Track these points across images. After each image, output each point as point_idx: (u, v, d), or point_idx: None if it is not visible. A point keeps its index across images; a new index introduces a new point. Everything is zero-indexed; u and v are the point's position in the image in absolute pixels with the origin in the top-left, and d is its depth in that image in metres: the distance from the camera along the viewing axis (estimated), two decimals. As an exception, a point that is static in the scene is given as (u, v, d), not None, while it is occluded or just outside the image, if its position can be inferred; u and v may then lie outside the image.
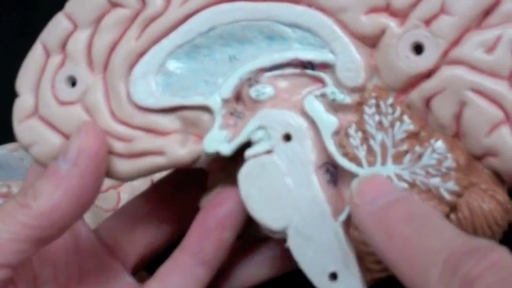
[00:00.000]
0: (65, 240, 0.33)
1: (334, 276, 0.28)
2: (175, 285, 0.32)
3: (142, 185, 0.44)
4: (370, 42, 0.28)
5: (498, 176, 0.27)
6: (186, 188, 0.35)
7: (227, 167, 0.31)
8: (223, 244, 0.32)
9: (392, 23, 0.28)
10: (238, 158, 0.30)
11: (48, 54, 0.31)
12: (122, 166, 0.30)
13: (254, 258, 0.34)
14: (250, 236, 0.33)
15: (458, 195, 0.27)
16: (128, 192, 0.46)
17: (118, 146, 0.30)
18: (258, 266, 0.34)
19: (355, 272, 0.28)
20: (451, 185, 0.26)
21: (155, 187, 0.37)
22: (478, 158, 0.27)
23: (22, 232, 0.28)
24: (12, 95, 0.32)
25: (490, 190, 0.27)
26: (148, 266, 0.36)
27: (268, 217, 0.29)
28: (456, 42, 0.27)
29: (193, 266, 0.32)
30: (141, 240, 0.35)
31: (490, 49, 0.26)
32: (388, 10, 0.28)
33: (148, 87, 0.30)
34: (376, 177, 0.27)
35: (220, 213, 0.31)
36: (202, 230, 0.32)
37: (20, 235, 0.28)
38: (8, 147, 0.50)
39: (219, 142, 0.29)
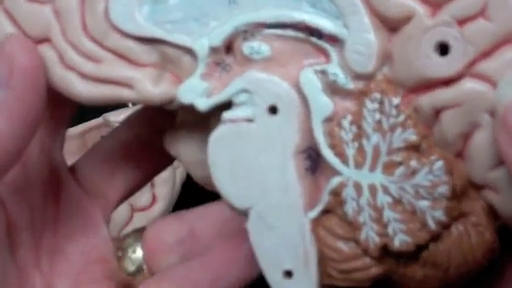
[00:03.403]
0: (43, 181, 0.35)
1: (288, 274, 0.29)
2: None
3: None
4: (391, 24, 0.27)
5: (492, 209, 0.28)
6: (161, 125, 0.35)
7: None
8: (246, 279, 0.33)
9: (421, 10, 0.27)
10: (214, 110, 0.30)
11: None
12: (85, 87, 0.30)
13: None
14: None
15: (444, 226, 0.27)
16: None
17: (84, 65, 0.30)
18: None
19: (313, 274, 0.29)
20: (439, 214, 0.27)
21: (129, 125, 0.37)
22: (477, 187, 0.28)
23: None
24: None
25: (480, 225, 0.28)
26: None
27: (232, 192, 0.29)
28: (487, 54, 0.26)
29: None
30: (121, 182, 0.37)
31: (524, 71, 0.26)
32: (421, -7, 0.27)
33: (130, 9, 0.30)
34: None
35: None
36: (229, 256, 0.33)
37: None
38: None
39: (197, 93, 0.29)
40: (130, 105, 0.52)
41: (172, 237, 0.35)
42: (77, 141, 0.62)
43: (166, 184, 0.59)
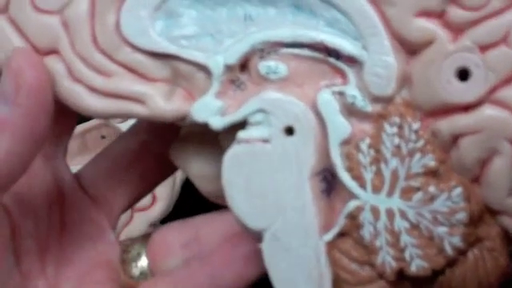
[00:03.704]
0: (48, 190, 0.35)
1: (303, 295, 0.29)
2: None
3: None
4: (411, 48, 0.27)
5: (507, 234, 0.28)
6: (166, 134, 0.35)
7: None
8: (245, 279, 0.33)
9: (443, 35, 0.27)
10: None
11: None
12: (94, 101, 0.30)
13: None
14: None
15: (461, 252, 0.27)
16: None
17: (94, 79, 0.30)
18: None
19: (327, 297, 0.29)
20: (457, 240, 0.27)
21: (134, 133, 0.37)
22: (493, 212, 0.28)
23: None
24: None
25: (495, 250, 0.28)
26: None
27: (247, 212, 0.29)
28: (508, 81, 0.26)
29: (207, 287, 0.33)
30: (126, 191, 0.37)
31: (546, 100, 0.26)
32: (442, 18, 0.27)
33: (142, 24, 0.29)
34: None
35: (252, 245, 0.31)
36: (229, 255, 0.33)
37: None
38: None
39: (211, 112, 0.29)
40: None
41: (177, 240, 0.35)
42: (77, 141, 0.61)
43: (165, 184, 0.59)
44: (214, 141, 0.32)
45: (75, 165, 0.38)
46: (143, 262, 0.36)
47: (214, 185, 0.32)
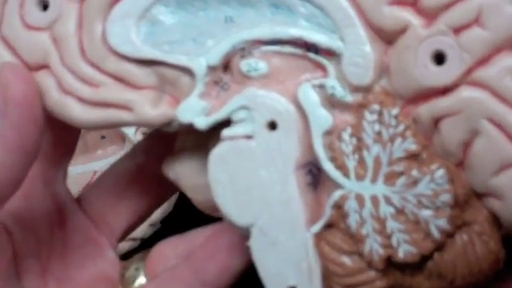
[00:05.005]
0: (48, 213, 0.35)
1: (292, 290, 0.29)
2: None
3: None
4: (387, 37, 0.27)
5: (496, 218, 0.28)
6: (163, 155, 0.36)
7: (199, 133, 0.31)
8: (229, 270, 0.32)
9: (416, 22, 0.27)
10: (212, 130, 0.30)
11: (20, -31, 0.31)
12: (83, 112, 0.30)
13: None
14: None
15: (448, 235, 0.27)
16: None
17: (82, 90, 0.30)
18: None
19: (317, 291, 0.29)
20: (443, 222, 0.27)
21: (132, 155, 0.38)
22: (479, 195, 0.27)
23: None
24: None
25: (484, 234, 0.27)
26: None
27: (234, 209, 0.29)
28: (484, 62, 0.26)
29: (192, 282, 0.33)
30: (125, 212, 0.37)
31: (521, 78, 0.26)
32: (415, 5, 0.27)
33: (127, 32, 0.30)
34: None
35: (234, 236, 0.31)
36: (211, 248, 0.33)
37: None
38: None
39: (196, 112, 0.29)
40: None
41: (173, 253, 0.35)
42: (77, 141, 0.61)
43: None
44: (206, 152, 0.32)
45: (75, 165, 0.38)
46: (141, 277, 0.36)
47: (206, 194, 0.32)
